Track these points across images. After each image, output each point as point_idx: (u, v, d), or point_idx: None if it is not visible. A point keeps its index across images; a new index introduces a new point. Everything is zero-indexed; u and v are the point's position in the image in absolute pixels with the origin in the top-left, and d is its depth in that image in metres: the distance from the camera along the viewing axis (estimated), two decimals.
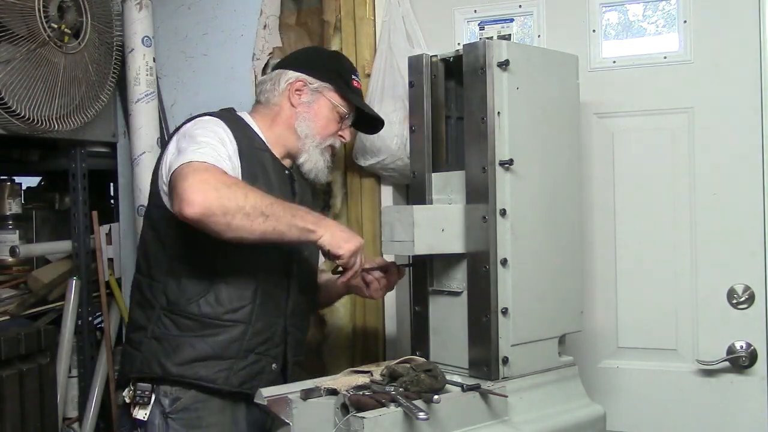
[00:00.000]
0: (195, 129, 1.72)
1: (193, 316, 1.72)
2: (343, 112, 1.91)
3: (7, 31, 2.12)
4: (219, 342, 1.72)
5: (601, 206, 2.15)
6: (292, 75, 1.89)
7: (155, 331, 1.74)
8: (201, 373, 1.71)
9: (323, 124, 1.89)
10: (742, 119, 2.02)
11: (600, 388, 2.09)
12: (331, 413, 1.51)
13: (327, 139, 1.90)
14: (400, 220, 1.68)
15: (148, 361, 1.73)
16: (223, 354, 1.72)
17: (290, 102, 1.87)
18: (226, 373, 1.72)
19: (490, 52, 1.66)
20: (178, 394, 1.71)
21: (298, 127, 1.87)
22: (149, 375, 1.72)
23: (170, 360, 1.71)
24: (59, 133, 2.39)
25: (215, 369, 1.71)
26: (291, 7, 2.50)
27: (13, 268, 2.83)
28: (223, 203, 1.52)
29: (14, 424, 2.01)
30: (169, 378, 1.72)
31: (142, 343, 1.76)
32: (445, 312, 1.78)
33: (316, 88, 1.88)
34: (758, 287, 2.01)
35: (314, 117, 1.88)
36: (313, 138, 1.87)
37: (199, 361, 1.71)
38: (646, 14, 2.14)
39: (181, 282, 1.74)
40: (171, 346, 1.72)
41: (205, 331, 1.72)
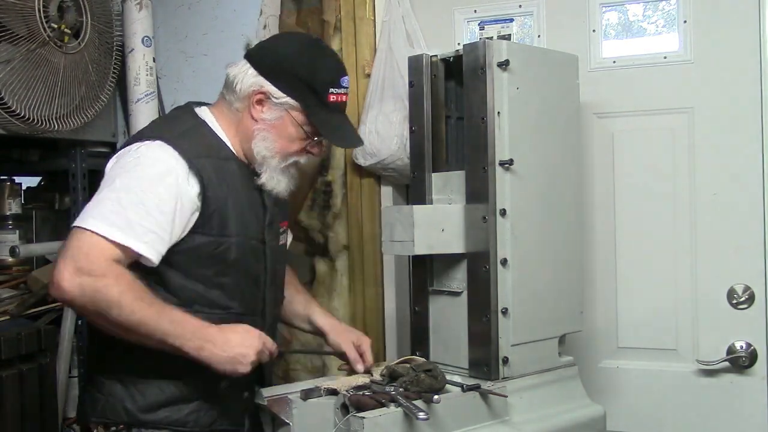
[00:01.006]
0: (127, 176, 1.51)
1: (161, 356, 1.50)
2: (308, 132, 1.64)
3: (7, 31, 2.12)
4: (186, 382, 1.58)
5: (601, 206, 2.15)
6: (255, 82, 1.62)
7: (118, 373, 1.59)
8: (171, 417, 1.59)
9: (284, 144, 1.64)
10: (742, 119, 2.02)
11: (600, 388, 2.08)
12: (331, 413, 1.51)
13: (289, 158, 1.66)
14: (400, 220, 1.68)
15: (112, 405, 1.59)
16: (190, 395, 1.59)
17: (251, 114, 1.63)
18: (195, 414, 1.60)
19: (490, 52, 1.66)
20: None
21: (255, 146, 1.63)
22: (114, 421, 1.59)
23: (136, 405, 1.58)
24: (59, 133, 2.39)
25: (184, 412, 1.59)
26: (291, 7, 2.49)
27: (13, 268, 2.82)
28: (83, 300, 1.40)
29: (14, 424, 2.01)
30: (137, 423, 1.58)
31: (104, 385, 1.61)
32: (445, 312, 1.78)
33: (280, 102, 1.61)
34: (758, 287, 2.01)
35: (275, 136, 1.63)
36: (273, 158, 1.64)
37: (166, 406, 1.58)
38: (646, 14, 2.14)
39: None
40: (136, 389, 1.58)
41: (171, 371, 1.56)
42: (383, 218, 1.75)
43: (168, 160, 1.53)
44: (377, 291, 2.37)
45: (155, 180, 1.50)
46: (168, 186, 1.50)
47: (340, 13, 2.38)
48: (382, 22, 2.32)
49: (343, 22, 2.38)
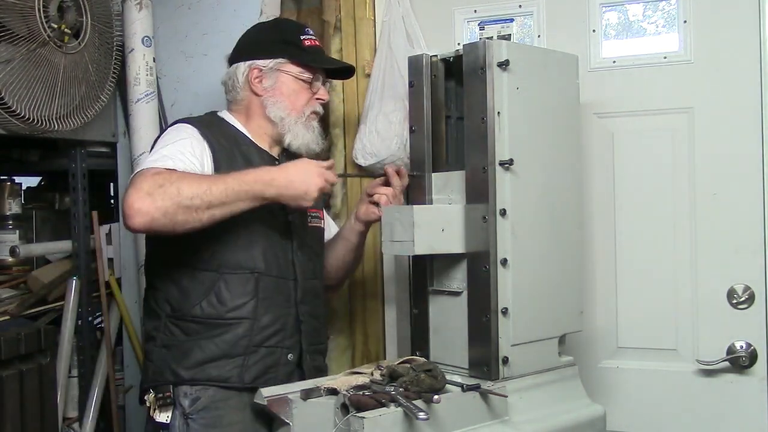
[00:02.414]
0: (161, 139, 1.77)
1: (197, 318, 1.73)
2: (308, 77, 1.87)
3: (7, 31, 2.12)
4: (226, 341, 1.72)
5: (601, 206, 2.15)
6: (244, 66, 1.86)
7: (163, 339, 1.76)
8: (213, 374, 1.72)
9: (293, 99, 1.86)
10: (742, 119, 2.02)
11: (600, 388, 2.09)
12: (331, 413, 1.51)
13: (304, 110, 1.87)
14: (400, 220, 1.68)
15: (160, 369, 1.75)
16: (231, 352, 1.72)
17: (254, 92, 1.86)
18: (238, 370, 1.72)
19: (490, 52, 1.66)
20: (198, 394, 1.72)
21: (270, 113, 1.84)
22: (161, 383, 1.74)
23: (181, 365, 1.72)
24: (59, 133, 2.39)
25: (226, 368, 1.72)
26: (291, 7, 2.49)
27: (13, 268, 2.82)
28: (157, 206, 1.53)
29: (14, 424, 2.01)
30: (183, 383, 1.72)
31: (152, 353, 1.78)
32: (445, 312, 1.78)
33: (271, 67, 1.85)
34: (758, 287, 2.01)
35: (281, 97, 1.85)
36: (289, 116, 1.85)
37: (209, 362, 1.72)
38: (646, 14, 2.14)
39: (182, 287, 1.75)
40: (180, 351, 1.74)
41: (212, 332, 1.72)
42: (383, 218, 1.75)
43: (187, 129, 1.77)
44: (377, 291, 2.37)
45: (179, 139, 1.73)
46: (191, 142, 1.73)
47: (340, 13, 2.38)
48: (382, 22, 2.32)
49: (343, 22, 2.38)
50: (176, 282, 1.76)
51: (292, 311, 1.82)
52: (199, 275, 1.74)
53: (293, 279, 1.84)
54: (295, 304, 1.83)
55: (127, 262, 2.82)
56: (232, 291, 1.74)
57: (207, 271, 1.74)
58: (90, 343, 2.77)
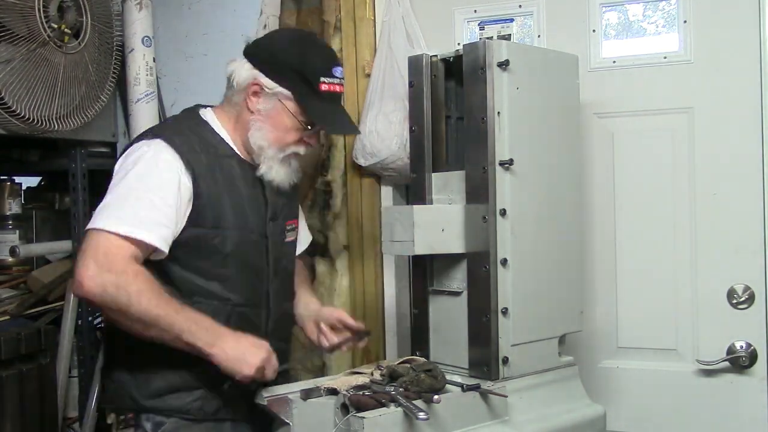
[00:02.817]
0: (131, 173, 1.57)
1: (163, 346, 1.56)
2: (302, 122, 1.67)
3: (7, 31, 2.12)
4: (190, 373, 1.62)
5: (601, 206, 2.15)
6: (250, 74, 1.67)
7: (125, 362, 1.66)
8: (174, 405, 1.63)
9: (280, 135, 1.67)
10: (742, 119, 2.02)
11: (600, 388, 2.08)
12: (331, 413, 1.51)
13: (286, 149, 1.69)
14: (400, 220, 1.68)
15: (119, 394, 1.67)
16: (193, 384, 1.63)
17: (247, 106, 1.68)
18: (199, 402, 1.64)
19: (490, 52, 1.66)
20: (162, 419, 1.64)
21: (251, 137, 1.67)
22: (121, 408, 1.70)
23: (141, 394, 1.64)
24: (59, 133, 2.39)
25: (187, 399, 1.63)
26: (291, 7, 2.49)
27: (13, 268, 2.82)
28: (104, 300, 1.46)
29: (14, 424, 2.01)
30: (143, 411, 1.65)
31: (113, 373, 1.69)
32: (445, 312, 1.78)
33: (274, 94, 1.65)
34: (758, 287, 2.01)
35: (270, 127, 1.67)
36: (270, 148, 1.67)
37: (169, 393, 1.63)
38: (646, 14, 2.14)
39: None
40: (141, 377, 1.64)
41: (174, 361, 1.60)
42: (383, 218, 1.75)
43: (166, 156, 1.60)
44: (377, 291, 2.37)
45: (156, 176, 1.57)
46: (169, 180, 1.57)
47: (340, 13, 2.38)
48: (382, 22, 2.32)
49: (343, 22, 2.38)
50: None
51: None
52: None
53: (266, 308, 1.73)
54: (265, 334, 1.69)
55: None
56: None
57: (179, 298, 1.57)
58: (90, 343, 2.77)
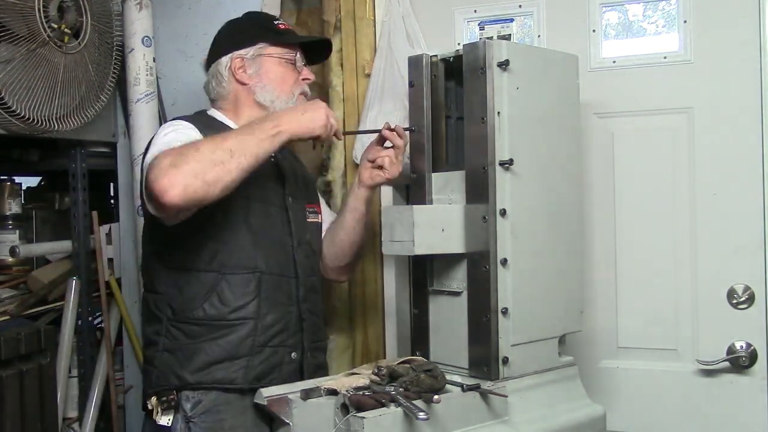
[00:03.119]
0: (157, 135, 1.72)
1: (199, 321, 1.72)
2: (290, 57, 1.87)
3: (7, 31, 2.12)
4: (230, 342, 1.71)
5: (601, 206, 2.15)
6: (225, 59, 1.86)
7: (166, 344, 1.75)
8: (218, 376, 1.71)
9: (280, 81, 1.85)
10: (742, 119, 2.02)
11: (600, 388, 2.08)
12: (331, 413, 1.51)
13: (293, 91, 1.86)
14: (400, 220, 1.68)
15: (164, 374, 1.74)
16: (236, 353, 1.72)
17: (239, 83, 1.85)
18: (243, 371, 1.71)
19: (490, 52, 1.66)
20: (200, 397, 1.71)
21: (260, 98, 1.84)
22: (167, 387, 1.73)
23: (185, 369, 1.71)
24: (59, 133, 2.39)
25: (231, 369, 1.71)
26: (291, 7, 2.49)
27: (13, 268, 2.83)
28: (185, 172, 1.49)
29: (14, 424, 2.01)
30: (189, 386, 1.72)
31: (155, 358, 1.76)
32: (445, 312, 1.78)
33: (253, 54, 1.84)
34: (758, 287, 2.01)
35: (268, 81, 1.84)
36: (279, 98, 1.84)
37: (214, 365, 1.71)
38: (646, 14, 2.14)
39: (183, 290, 1.74)
40: (184, 355, 1.72)
41: (215, 334, 1.71)
42: (383, 218, 1.75)
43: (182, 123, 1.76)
44: (377, 291, 2.37)
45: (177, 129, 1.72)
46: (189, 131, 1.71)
47: (340, 13, 2.38)
48: (382, 21, 2.32)
49: (343, 22, 2.37)
50: (177, 284, 1.75)
51: (294, 309, 1.82)
52: (201, 277, 1.73)
53: (294, 277, 1.83)
54: (297, 302, 1.82)
55: (127, 262, 2.81)
56: (235, 291, 1.73)
57: (208, 272, 1.73)
58: (90, 343, 2.78)
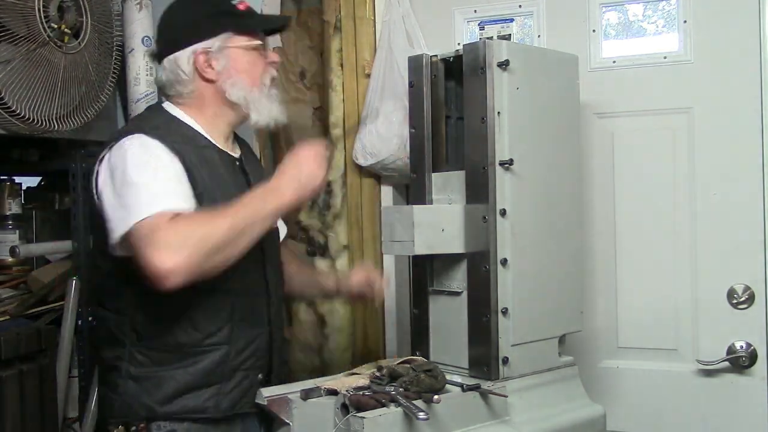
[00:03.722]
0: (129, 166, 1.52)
1: (169, 347, 1.58)
2: (257, 44, 1.70)
3: (7, 31, 2.12)
4: (203, 369, 1.59)
5: (601, 206, 2.15)
6: (186, 54, 1.65)
7: (130, 371, 1.60)
8: (189, 405, 1.59)
9: (250, 73, 1.68)
10: (742, 119, 2.02)
11: (600, 388, 2.08)
12: (331, 413, 1.51)
13: (263, 80, 1.70)
14: (400, 220, 1.68)
15: (129, 404, 1.60)
16: (208, 381, 1.60)
17: (205, 80, 1.66)
18: (214, 399, 1.61)
19: (490, 52, 1.66)
20: (173, 427, 1.60)
21: (231, 96, 1.66)
22: (133, 419, 1.60)
23: (153, 399, 1.59)
24: (59, 133, 2.39)
25: (203, 397, 1.60)
26: (291, 7, 2.49)
27: (13, 268, 2.82)
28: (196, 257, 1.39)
29: (14, 424, 2.01)
30: (157, 418, 1.59)
31: (118, 386, 1.62)
32: (445, 312, 1.78)
33: (219, 46, 1.65)
34: (758, 287, 2.01)
35: (238, 74, 1.66)
36: (251, 92, 1.68)
37: (185, 394, 1.59)
38: (646, 14, 2.14)
39: (150, 313, 1.59)
40: (151, 383, 1.59)
41: (186, 361, 1.59)
42: (383, 218, 1.75)
43: (152, 145, 1.56)
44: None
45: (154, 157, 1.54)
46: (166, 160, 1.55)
47: (340, 13, 2.38)
48: (382, 22, 2.32)
49: (343, 22, 2.37)
50: (141, 306, 1.59)
51: (264, 331, 1.70)
52: (171, 300, 1.47)
53: (266, 296, 1.72)
54: (268, 323, 1.71)
55: None
56: (208, 316, 1.60)
57: (178, 294, 1.45)
58: (90, 343, 2.77)
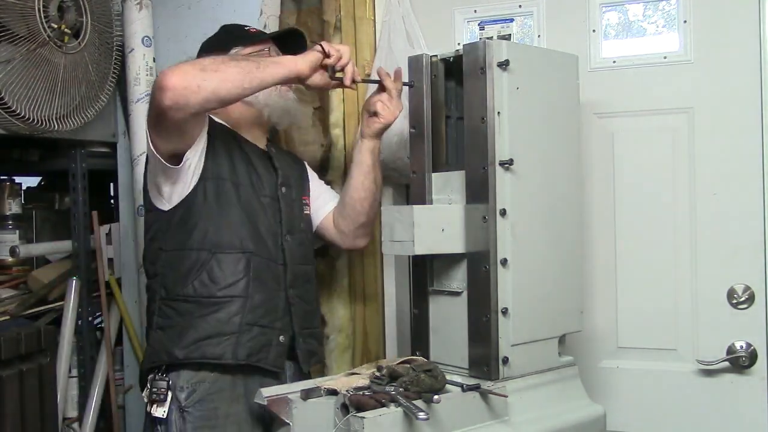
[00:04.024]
0: None
1: (189, 298, 1.76)
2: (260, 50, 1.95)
3: (7, 31, 2.13)
4: (219, 318, 1.75)
5: (601, 206, 2.15)
6: None
7: (158, 322, 1.80)
8: (206, 352, 1.74)
9: None
10: (742, 119, 2.02)
11: (600, 388, 2.08)
12: (331, 413, 1.51)
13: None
14: (400, 220, 1.68)
15: (156, 351, 1.79)
16: (225, 330, 1.75)
17: None
18: (232, 347, 1.74)
19: (490, 52, 1.66)
20: (194, 387, 1.74)
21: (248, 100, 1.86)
22: (157, 364, 1.77)
23: (175, 345, 1.75)
24: (59, 133, 2.40)
25: (220, 345, 1.74)
26: (291, 7, 2.49)
27: (13, 268, 2.83)
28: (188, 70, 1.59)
29: (14, 424, 2.01)
30: (177, 362, 1.75)
31: (149, 337, 1.84)
32: (445, 312, 1.78)
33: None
34: (758, 287, 2.01)
35: None
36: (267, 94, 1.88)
37: (202, 341, 1.74)
38: (646, 14, 2.14)
39: (176, 270, 1.79)
40: (174, 332, 1.76)
41: (204, 311, 1.75)
42: (383, 218, 1.75)
43: None
44: (377, 291, 2.37)
45: None
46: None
47: (340, 13, 2.37)
48: (382, 21, 2.32)
49: (343, 22, 2.37)
50: (170, 265, 1.80)
51: (282, 294, 1.86)
52: (192, 255, 1.77)
53: (282, 264, 1.87)
54: (285, 288, 1.87)
55: (127, 262, 2.82)
56: (224, 270, 1.77)
57: (199, 250, 1.77)
58: (90, 343, 2.78)
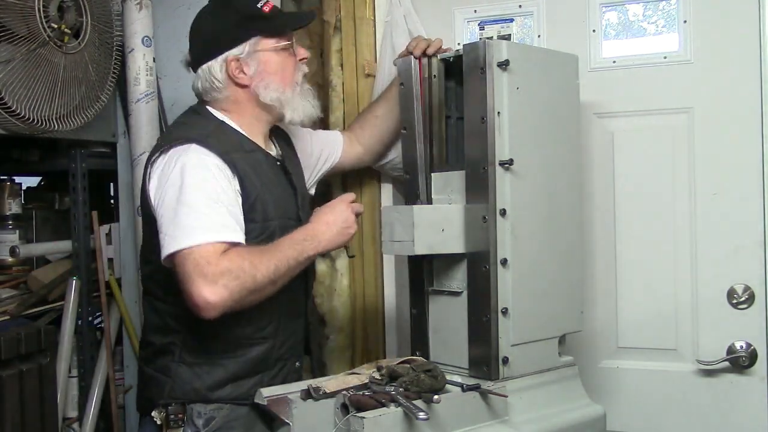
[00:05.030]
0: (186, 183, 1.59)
1: (223, 337, 1.71)
2: (286, 43, 1.77)
3: (7, 31, 2.12)
4: (249, 359, 1.74)
5: (601, 206, 2.14)
6: (218, 62, 1.73)
7: (183, 357, 1.73)
8: (234, 393, 1.72)
9: (282, 74, 1.77)
10: (742, 119, 2.02)
11: (600, 388, 2.08)
12: (331, 413, 1.51)
13: (295, 79, 1.79)
14: (400, 220, 1.68)
15: (180, 386, 1.72)
16: (253, 370, 1.74)
17: (239, 85, 1.75)
18: (256, 388, 1.68)
19: (490, 52, 1.66)
20: (212, 414, 1.71)
21: (265, 98, 1.75)
22: (183, 400, 1.71)
23: (203, 383, 1.71)
24: (59, 133, 2.39)
25: (247, 386, 1.72)
26: (291, 7, 2.49)
27: (13, 268, 2.82)
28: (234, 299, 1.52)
29: (14, 424, 2.01)
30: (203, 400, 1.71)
31: (170, 369, 1.73)
32: (445, 312, 1.78)
33: (249, 51, 1.73)
34: (758, 287, 2.01)
35: (270, 77, 1.75)
36: (284, 93, 1.76)
37: (232, 381, 1.72)
38: (646, 14, 2.14)
39: None
40: (202, 369, 1.72)
41: (236, 351, 1.73)
42: (383, 218, 1.75)
43: (206, 158, 1.63)
44: (377, 291, 2.37)
45: (209, 178, 1.61)
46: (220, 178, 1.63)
47: (340, 13, 2.37)
48: (384, 21, 2.31)
49: (343, 22, 2.37)
50: None
51: (302, 322, 1.86)
52: None
53: (303, 288, 1.86)
54: (305, 314, 1.87)
55: (127, 262, 2.81)
56: (261, 310, 1.69)
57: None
58: (90, 343, 2.78)
